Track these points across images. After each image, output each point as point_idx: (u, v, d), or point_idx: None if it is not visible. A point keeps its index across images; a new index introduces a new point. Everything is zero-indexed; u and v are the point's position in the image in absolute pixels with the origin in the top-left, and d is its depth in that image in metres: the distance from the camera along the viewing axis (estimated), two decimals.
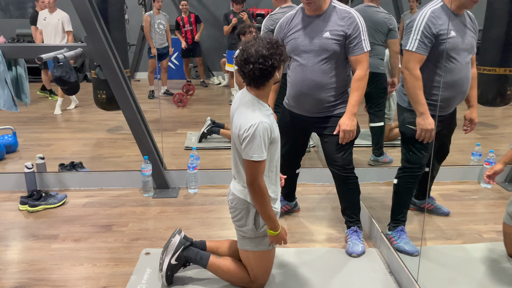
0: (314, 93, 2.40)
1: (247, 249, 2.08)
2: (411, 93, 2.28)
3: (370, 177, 3.55)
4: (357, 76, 2.34)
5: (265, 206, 1.95)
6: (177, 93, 6.37)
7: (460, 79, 2.31)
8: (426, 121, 2.26)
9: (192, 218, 2.95)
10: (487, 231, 2.76)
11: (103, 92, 3.89)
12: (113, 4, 3.60)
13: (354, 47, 2.32)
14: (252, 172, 1.90)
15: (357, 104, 2.36)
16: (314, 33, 2.35)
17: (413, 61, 2.25)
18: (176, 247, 2.14)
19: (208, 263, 2.14)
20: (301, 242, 2.65)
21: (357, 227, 2.59)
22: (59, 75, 2.88)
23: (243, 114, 1.92)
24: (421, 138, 2.32)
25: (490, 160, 3.37)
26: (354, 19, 2.31)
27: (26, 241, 2.66)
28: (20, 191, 3.34)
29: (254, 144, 1.85)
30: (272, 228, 2.01)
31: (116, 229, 2.81)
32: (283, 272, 2.33)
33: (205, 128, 4.51)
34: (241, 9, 6.27)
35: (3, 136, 4.22)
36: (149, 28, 6.54)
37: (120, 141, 4.62)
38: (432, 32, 2.20)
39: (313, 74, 2.37)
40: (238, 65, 1.90)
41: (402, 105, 2.46)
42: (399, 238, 2.49)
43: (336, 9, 2.35)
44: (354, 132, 2.36)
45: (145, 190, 3.31)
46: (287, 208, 2.98)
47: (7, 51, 3.08)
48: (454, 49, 2.24)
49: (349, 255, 2.48)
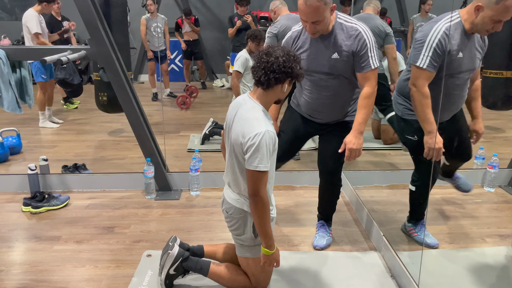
0: (327, 110, 2.42)
1: (247, 256, 2.06)
2: (419, 111, 2.25)
3: (373, 180, 3.54)
4: (365, 94, 2.26)
5: (265, 220, 1.89)
6: (181, 95, 6.39)
7: (454, 96, 2.31)
8: (433, 140, 2.23)
9: (194, 220, 2.96)
10: (490, 235, 2.75)
11: (104, 94, 3.89)
12: (116, 7, 3.61)
13: (362, 64, 2.25)
14: (255, 183, 1.84)
15: (364, 122, 2.28)
16: (322, 54, 2.29)
17: (422, 78, 2.21)
18: (175, 259, 2.10)
19: (209, 272, 2.12)
20: (302, 246, 2.65)
21: (324, 221, 2.70)
22: (62, 77, 2.90)
23: (247, 121, 1.86)
24: (429, 156, 2.29)
25: (494, 163, 3.35)
26: (361, 37, 2.22)
27: (28, 243, 2.67)
28: (23, 193, 3.35)
29: (260, 154, 1.80)
30: (268, 247, 1.94)
31: (118, 231, 2.82)
32: (284, 276, 2.32)
33: (206, 129, 4.53)
34: (246, 11, 6.29)
35: (7, 137, 4.24)
36: (145, 31, 6.55)
37: (123, 143, 4.64)
38: (444, 49, 2.15)
39: (327, 92, 2.36)
40: (258, 57, 1.87)
41: (397, 113, 2.47)
42: (419, 231, 2.54)
43: (342, 26, 2.25)
44: (360, 151, 2.30)
45: (148, 192, 3.32)
46: None
47: (11, 53, 3.10)
48: (457, 69, 2.22)
49: (314, 248, 2.58)
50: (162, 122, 4.97)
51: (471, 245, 2.65)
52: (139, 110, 3.29)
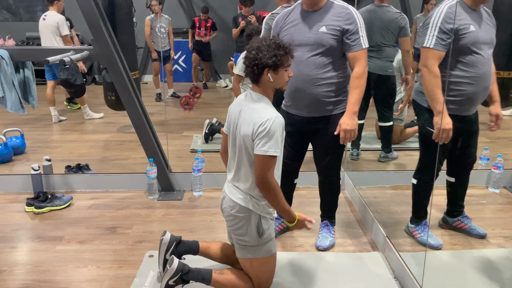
0: (308, 88, 2.33)
1: (249, 257, 2.04)
2: (429, 91, 2.23)
3: (376, 181, 3.52)
4: (356, 74, 2.27)
5: (279, 200, 1.92)
6: (184, 95, 6.39)
7: (483, 73, 2.26)
8: (444, 120, 2.20)
9: (197, 221, 2.95)
10: (494, 236, 2.72)
11: (112, 94, 3.92)
12: (121, 8, 3.62)
13: (352, 43, 2.26)
14: (263, 168, 1.84)
15: (358, 102, 2.28)
16: (310, 27, 2.31)
17: (431, 58, 2.20)
18: (175, 272, 2.04)
19: (212, 281, 2.08)
20: (305, 247, 2.64)
21: (328, 221, 2.67)
22: (65, 77, 2.90)
23: (255, 110, 1.89)
24: (437, 138, 2.26)
25: (498, 164, 3.32)
26: (352, 15, 2.27)
27: (31, 243, 2.68)
28: (26, 193, 3.36)
29: (271, 138, 1.81)
30: (290, 220, 2.01)
31: (120, 231, 2.82)
32: (287, 277, 2.31)
33: (206, 129, 4.53)
34: (250, 12, 6.29)
35: (11, 138, 4.26)
36: (149, 31, 6.56)
37: (126, 144, 4.64)
38: (449, 27, 2.15)
39: (307, 67, 2.31)
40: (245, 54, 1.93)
41: (423, 105, 2.39)
42: (423, 232, 2.52)
43: (333, 4, 2.32)
44: (355, 131, 2.29)
45: (150, 192, 3.32)
46: (283, 227, 2.77)
47: (14, 54, 3.11)
48: (474, 43, 2.20)
49: (317, 248, 2.57)
50: (165, 123, 4.97)
51: (475, 246, 2.63)
52: (141, 110, 3.29)
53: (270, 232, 2.03)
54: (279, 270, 2.35)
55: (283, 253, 2.54)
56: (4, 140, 4.03)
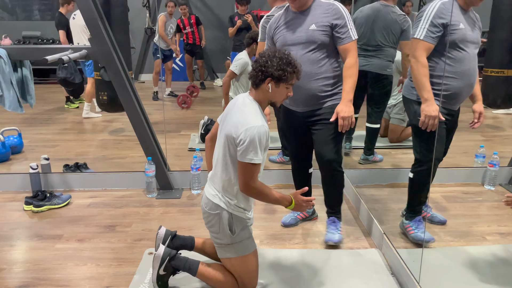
0: (305, 84, 2.42)
1: (228, 256, 2.07)
2: (417, 79, 2.31)
3: (373, 179, 3.55)
4: (348, 64, 2.38)
5: (267, 198, 2.00)
6: (181, 94, 6.40)
7: (468, 70, 2.34)
8: (430, 107, 2.28)
9: (195, 219, 2.96)
10: (490, 233, 2.76)
11: (104, 94, 3.91)
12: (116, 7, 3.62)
13: (342, 36, 2.37)
14: (248, 175, 1.90)
15: (352, 90, 2.38)
16: (301, 26, 2.42)
17: (420, 49, 2.29)
18: (162, 258, 2.10)
19: (198, 272, 2.12)
20: (303, 244, 2.66)
21: (335, 217, 2.68)
22: (64, 76, 2.91)
23: (243, 114, 1.93)
24: (424, 125, 2.33)
25: (494, 162, 3.36)
26: (338, 10, 2.38)
27: (30, 241, 2.68)
28: (25, 192, 3.36)
29: (254, 147, 1.86)
30: (287, 205, 2.06)
31: (119, 229, 2.83)
32: (284, 274, 2.33)
33: (201, 129, 4.54)
34: (246, 11, 6.30)
35: (9, 137, 4.25)
36: (163, 27, 6.57)
37: (124, 142, 4.65)
38: (440, 22, 2.25)
39: (302, 64, 2.33)
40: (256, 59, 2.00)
41: (412, 98, 2.46)
42: (416, 228, 2.54)
43: (320, 3, 2.42)
44: (352, 118, 2.38)
45: (149, 191, 3.33)
46: (305, 216, 2.90)
47: (12, 53, 3.11)
48: (462, 40, 2.29)
49: (326, 243, 2.59)
50: (163, 121, 4.98)
51: (471, 243, 2.66)
52: (140, 109, 3.30)
53: (245, 232, 2.05)
54: (276, 267, 2.37)
55: (280, 250, 2.56)
56: (2, 139, 4.03)
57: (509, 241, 2.68)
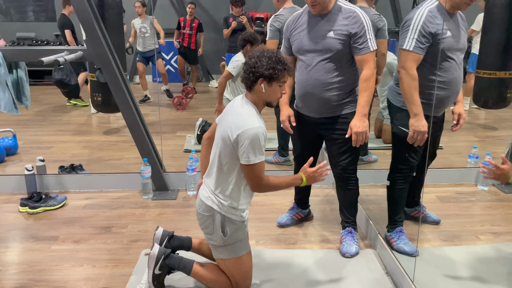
0: (318, 92, 2.39)
1: (222, 257, 2.08)
2: (407, 93, 2.26)
3: (368, 179, 3.56)
4: (364, 76, 2.31)
5: (282, 187, 2.07)
6: (177, 96, 6.40)
7: (455, 78, 2.32)
8: (419, 122, 2.24)
9: (191, 220, 2.97)
10: (483, 233, 2.79)
11: (99, 95, 3.92)
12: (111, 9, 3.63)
13: (360, 47, 2.29)
14: (255, 175, 1.94)
15: (367, 104, 2.31)
16: (319, 33, 2.35)
17: (410, 60, 2.23)
18: (157, 257, 2.11)
19: (192, 272, 2.13)
20: (298, 244, 2.68)
21: (352, 228, 2.60)
22: (59, 78, 2.91)
23: (240, 115, 1.95)
24: (413, 140, 2.30)
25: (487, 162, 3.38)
26: (358, 18, 2.29)
27: (26, 243, 2.68)
28: (20, 193, 3.36)
29: (255, 147, 1.88)
30: (300, 184, 2.08)
31: (115, 230, 2.83)
32: (279, 274, 2.34)
33: (198, 130, 4.54)
34: (241, 12, 6.31)
35: (4, 138, 4.24)
36: (134, 31, 6.59)
37: (120, 144, 4.65)
38: (429, 31, 2.20)
39: (317, 73, 2.37)
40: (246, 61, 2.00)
41: (396, 105, 2.44)
42: (398, 239, 2.51)
43: (341, 8, 2.34)
44: (367, 133, 2.32)
45: (145, 192, 3.34)
46: (300, 216, 2.89)
47: (8, 54, 3.10)
48: (450, 49, 2.25)
49: (343, 255, 2.50)
50: (159, 123, 4.98)
51: (465, 242, 2.69)
52: (136, 110, 3.30)
53: (238, 234, 2.06)
54: (271, 267, 2.39)
55: (276, 250, 2.58)
56: None
57: (502, 241, 2.71)
